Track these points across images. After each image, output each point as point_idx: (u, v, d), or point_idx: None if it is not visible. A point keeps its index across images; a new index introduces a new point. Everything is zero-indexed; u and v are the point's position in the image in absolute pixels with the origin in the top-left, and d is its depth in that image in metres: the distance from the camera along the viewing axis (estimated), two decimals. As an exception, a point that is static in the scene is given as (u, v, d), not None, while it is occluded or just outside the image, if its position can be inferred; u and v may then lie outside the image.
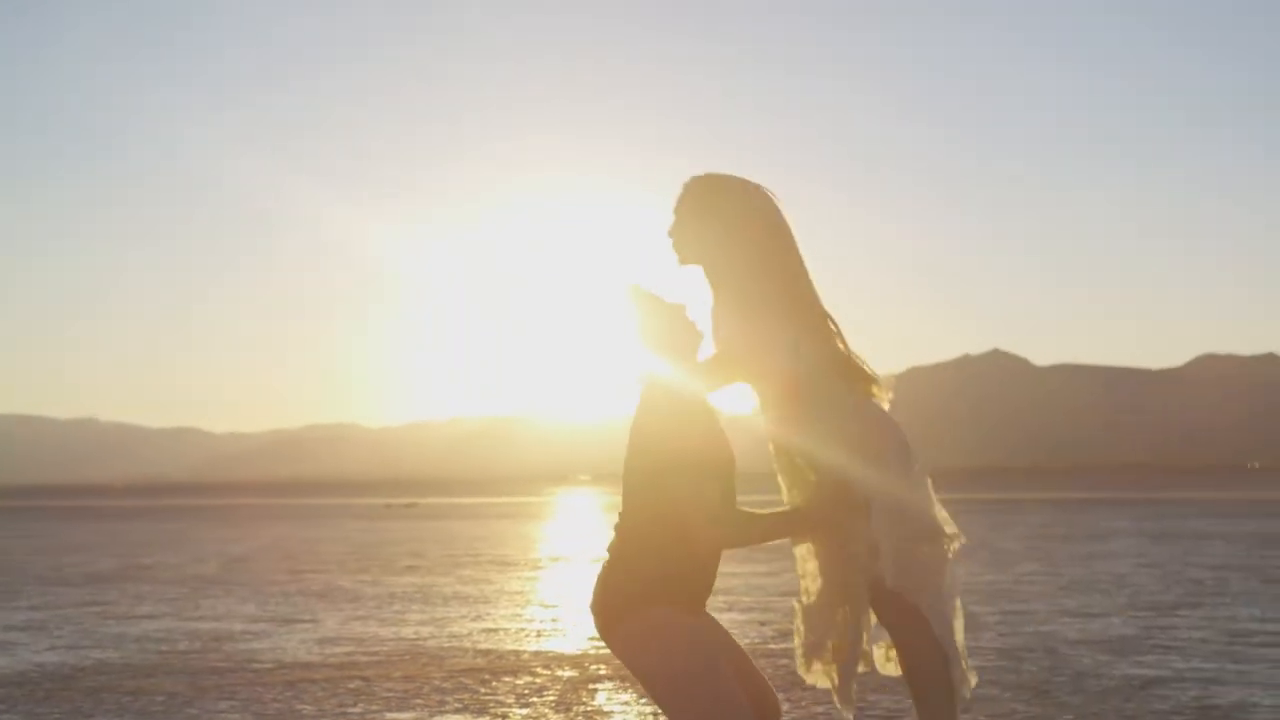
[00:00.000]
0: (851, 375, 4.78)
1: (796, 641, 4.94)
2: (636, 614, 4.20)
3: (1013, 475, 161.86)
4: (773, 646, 11.03)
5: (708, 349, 4.67)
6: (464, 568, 21.30)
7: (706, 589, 4.38)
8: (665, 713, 4.22)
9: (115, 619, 14.24)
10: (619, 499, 4.43)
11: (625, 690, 8.98)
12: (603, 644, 11.57)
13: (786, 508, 4.70)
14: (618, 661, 10.47)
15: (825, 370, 4.70)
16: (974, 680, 4.78)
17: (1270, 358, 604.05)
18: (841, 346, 4.79)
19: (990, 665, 9.77)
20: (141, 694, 9.18)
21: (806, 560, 4.87)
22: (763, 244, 4.72)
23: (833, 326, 4.80)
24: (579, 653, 10.96)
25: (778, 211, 4.82)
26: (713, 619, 4.39)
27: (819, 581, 4.82)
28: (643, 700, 8.63)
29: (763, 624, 12.74)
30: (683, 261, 4.81)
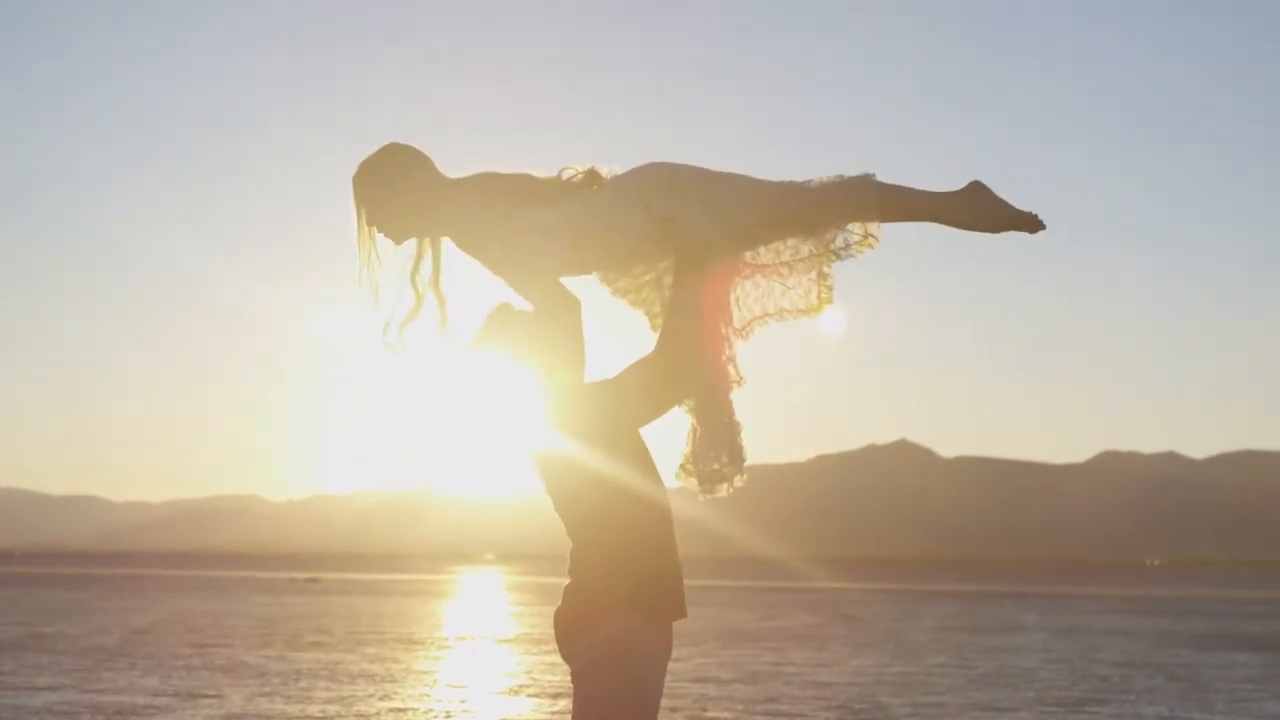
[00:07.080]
0: None
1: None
2: (601, 624, 3.90)
3: (917, 566, 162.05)
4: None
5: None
6: (369, 645, 21.09)
7: (676, 583, 4.02)
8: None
9: (14, 690, 13.97)
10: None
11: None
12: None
13: None
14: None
15: None
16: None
17: (1170, 456, 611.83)
18: None
19: (904, 758, 9.78)
20: (44, 768, 9.00)
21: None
22: None
23: None
24: (490, 736, 10.87)
25: None
26: (669, 639, 4.01)
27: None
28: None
29: (673, 710, 12.70)
30: None
